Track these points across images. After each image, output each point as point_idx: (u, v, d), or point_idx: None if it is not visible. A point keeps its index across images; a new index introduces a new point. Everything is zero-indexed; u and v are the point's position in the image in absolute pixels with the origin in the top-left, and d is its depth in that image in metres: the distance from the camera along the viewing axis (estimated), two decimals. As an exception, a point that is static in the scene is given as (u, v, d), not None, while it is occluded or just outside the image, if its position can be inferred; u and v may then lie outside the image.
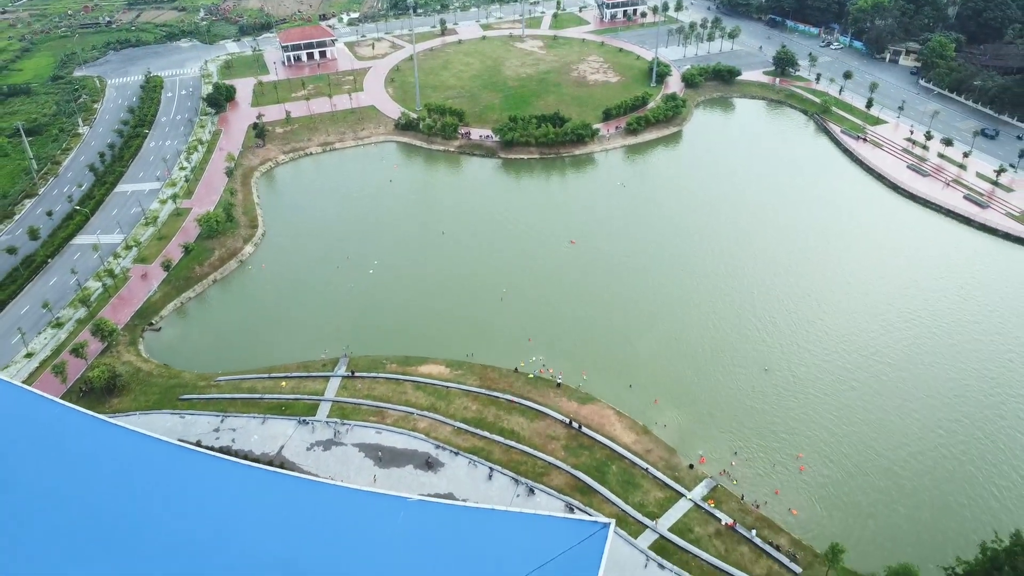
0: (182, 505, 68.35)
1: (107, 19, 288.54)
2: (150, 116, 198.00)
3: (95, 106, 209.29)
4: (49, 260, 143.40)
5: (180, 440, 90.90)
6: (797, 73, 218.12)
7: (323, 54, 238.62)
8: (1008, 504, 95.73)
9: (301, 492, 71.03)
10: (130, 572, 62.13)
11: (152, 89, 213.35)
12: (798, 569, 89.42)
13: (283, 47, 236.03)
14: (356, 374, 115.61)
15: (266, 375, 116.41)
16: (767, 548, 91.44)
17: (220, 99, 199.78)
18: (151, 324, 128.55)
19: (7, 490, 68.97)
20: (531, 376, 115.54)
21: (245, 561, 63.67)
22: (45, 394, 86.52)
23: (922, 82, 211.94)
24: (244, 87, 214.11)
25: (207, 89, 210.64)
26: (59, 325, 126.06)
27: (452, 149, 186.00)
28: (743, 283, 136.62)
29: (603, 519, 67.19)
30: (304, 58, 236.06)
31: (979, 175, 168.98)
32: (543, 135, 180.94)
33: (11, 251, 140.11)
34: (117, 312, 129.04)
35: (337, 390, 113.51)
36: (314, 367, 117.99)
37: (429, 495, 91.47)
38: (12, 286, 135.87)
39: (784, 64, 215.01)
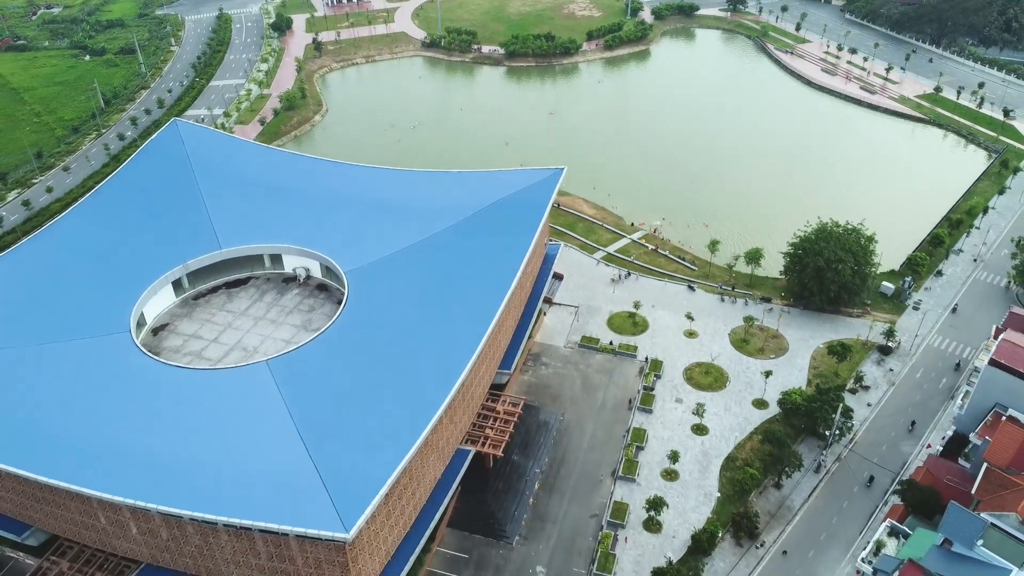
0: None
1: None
2: (226, 39, 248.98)
3: (179, 34, 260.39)
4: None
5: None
6: (747, 9, 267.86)
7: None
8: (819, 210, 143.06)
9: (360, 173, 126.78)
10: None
11: (224, 21, 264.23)
12: (695, 268, 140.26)
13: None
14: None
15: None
16: (675, 258, 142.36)
17: (282, 25, 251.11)
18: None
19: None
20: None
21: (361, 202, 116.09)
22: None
23: (846, 15, 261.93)
24: (298, 20, 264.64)
25: (269, 20, 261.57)
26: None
27: (467, 60, 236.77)
28: (683, 133, 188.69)
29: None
30: (344, 1, 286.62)
31: (875, 74, 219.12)
32: (539, 47, 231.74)
33: (148, 111, 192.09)
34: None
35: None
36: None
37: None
38: (148, 139, 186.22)
39: (736, 1, 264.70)
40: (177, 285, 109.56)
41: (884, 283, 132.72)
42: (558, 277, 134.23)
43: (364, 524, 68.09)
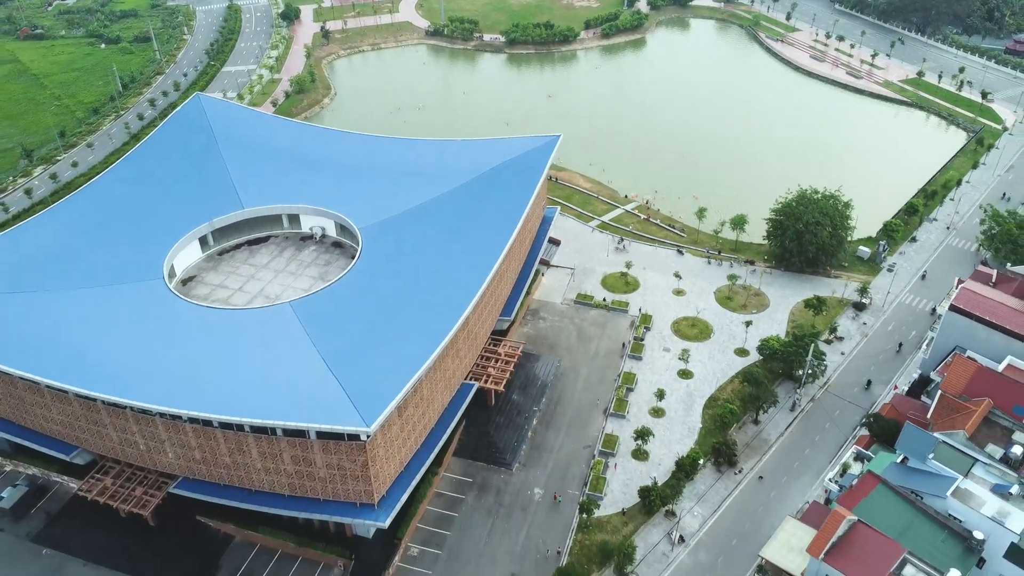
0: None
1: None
2: (237, 28, 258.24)
3: (191, 23, 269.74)
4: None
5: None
6: (741, 1, 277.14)
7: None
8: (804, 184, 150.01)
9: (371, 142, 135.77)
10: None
11: (234, 11, 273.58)
12: (683, 235, 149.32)
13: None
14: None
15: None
16: (665, 226, 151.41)
17: (290, 15, 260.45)
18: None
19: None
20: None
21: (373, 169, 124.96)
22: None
23: (835, 5, 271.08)
24: (306, 10, 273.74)
25: (277, 10, 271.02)
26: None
27: (469, 47, 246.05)
28: (676, 114, 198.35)
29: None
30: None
31: (861, 60, 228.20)
32: (538, 35, 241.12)
33: (165, 93, 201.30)
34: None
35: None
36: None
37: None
38: (166, 118, 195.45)
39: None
40: (203, 242, 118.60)
41: (861, 248, 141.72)
42: (555, 242, 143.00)
43: (382, 424, 77.16)
